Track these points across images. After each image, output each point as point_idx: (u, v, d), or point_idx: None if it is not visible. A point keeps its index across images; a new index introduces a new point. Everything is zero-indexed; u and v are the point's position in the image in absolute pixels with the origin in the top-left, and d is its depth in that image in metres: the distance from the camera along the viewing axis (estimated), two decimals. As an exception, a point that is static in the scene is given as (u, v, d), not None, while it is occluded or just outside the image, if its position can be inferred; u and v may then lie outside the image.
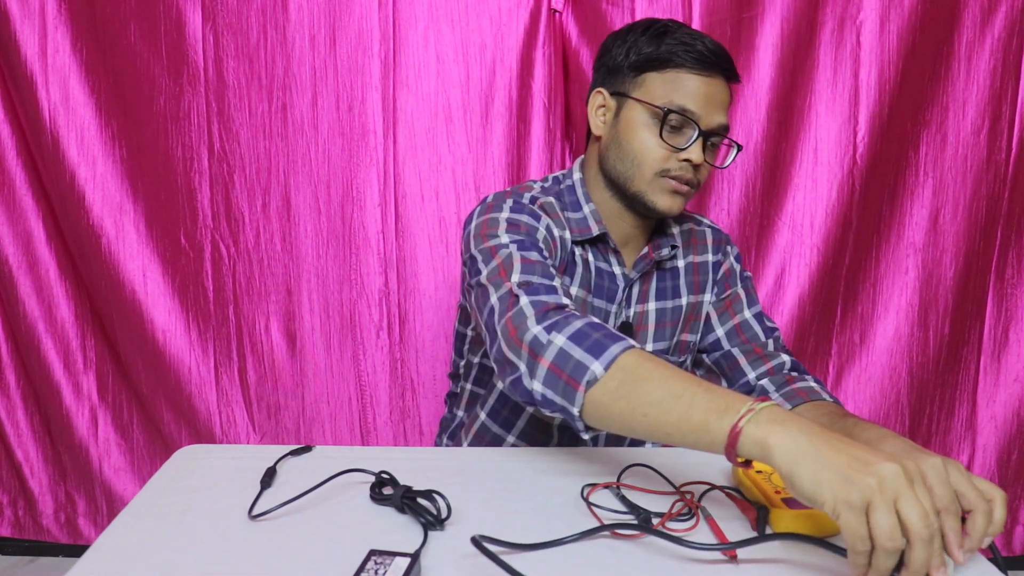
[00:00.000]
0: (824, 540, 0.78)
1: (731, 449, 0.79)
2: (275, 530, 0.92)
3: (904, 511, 0.68)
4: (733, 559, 0.84)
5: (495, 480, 1.03)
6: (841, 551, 0.76)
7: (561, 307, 0.99)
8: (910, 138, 1.74)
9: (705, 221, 1.39)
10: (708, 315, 1.35)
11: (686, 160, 1.16)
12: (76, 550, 2.00)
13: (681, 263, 1.33)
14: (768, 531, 0.90)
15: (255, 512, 0.93)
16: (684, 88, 1.16)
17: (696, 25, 1.64)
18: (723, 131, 1.19)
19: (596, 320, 0.96)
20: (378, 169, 1.72)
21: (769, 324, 1.33)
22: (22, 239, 1.83)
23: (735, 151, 1.26)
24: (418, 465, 1.08)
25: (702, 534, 0.90)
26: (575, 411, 0.92)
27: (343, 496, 1.00)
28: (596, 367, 0.90)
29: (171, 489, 1.03)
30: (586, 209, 1.25)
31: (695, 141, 1.15)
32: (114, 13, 1.69)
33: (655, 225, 1.31)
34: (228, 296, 1.81)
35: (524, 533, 0.87)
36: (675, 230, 1.33)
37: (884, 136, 1.71)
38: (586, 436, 0.96)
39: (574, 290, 1.24)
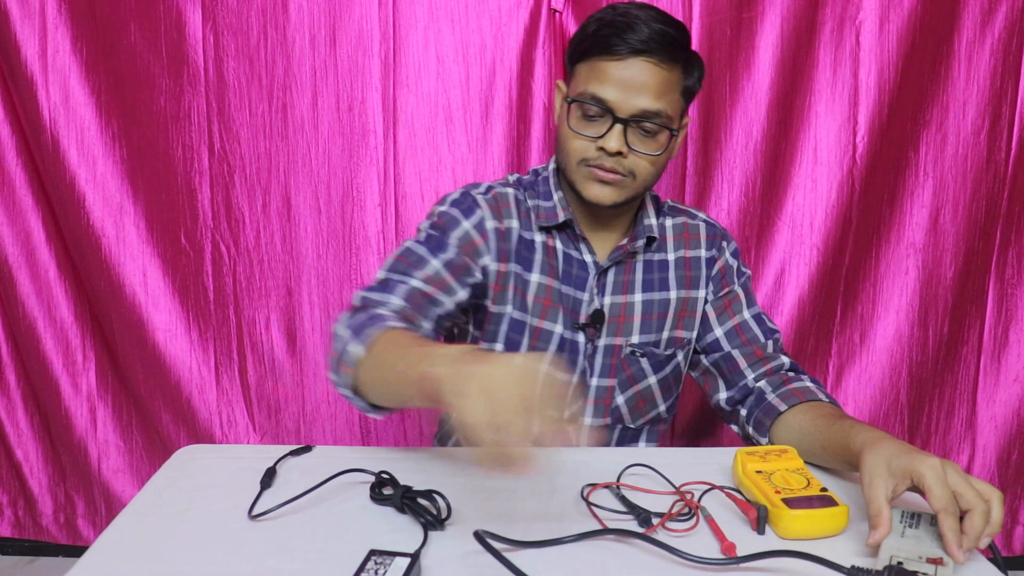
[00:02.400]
0: (823, 559, 0.77)
1: (424, 389, 0.82)
2: (274, 530, 0.92)
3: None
4: (733, 559, 0.84)
5: (494, 480, 1.03)
6: (841, 568, 0.76)
7: (365, 307, 1.09)
8: (910, 138, 1.74)
9: (701, 215, 1.38)
10: (706, 314, 1.34)
11: (602, 149, 1.16)
12: (76, 551, 2.00)
13: (672, 256, 1.32)
14: (768, 531, 0.91)
15: (255, 512, 0.94)
16: (599, 76, 1.16)
17: (696, 25, 1.64)
18: (651, 116, 1.16)
19: (378, 312, 1.07)
20: (378, 169, 1.72)
21: (770, 325, 1.33)
22: (22, 239, 1.83)
23: (674, 137, 1.21)
24: (418, 465, 1.08)
25: (702, 534, 0.90)
26: (347, 391, 1.04)
27: (343, 496, 1.00)
28: (357, 348, 1.00)
29: (171, 490, 1.03)
30: (555, 197, 1.28)
31: (610, 129, 1.16)
32: (114, 13, 1.68)
33: (636, 215, 1.31)
34: (228, 296, 1.81)
35: (524, 533, 0.87)
36: (659, 222, 1.33)
37: (884, 136, 1.71)
38: (374, 415, 1.06)
39: (534, 277, 1.26)
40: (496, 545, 0.80)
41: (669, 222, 1.34)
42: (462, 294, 1.19)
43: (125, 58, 1.70)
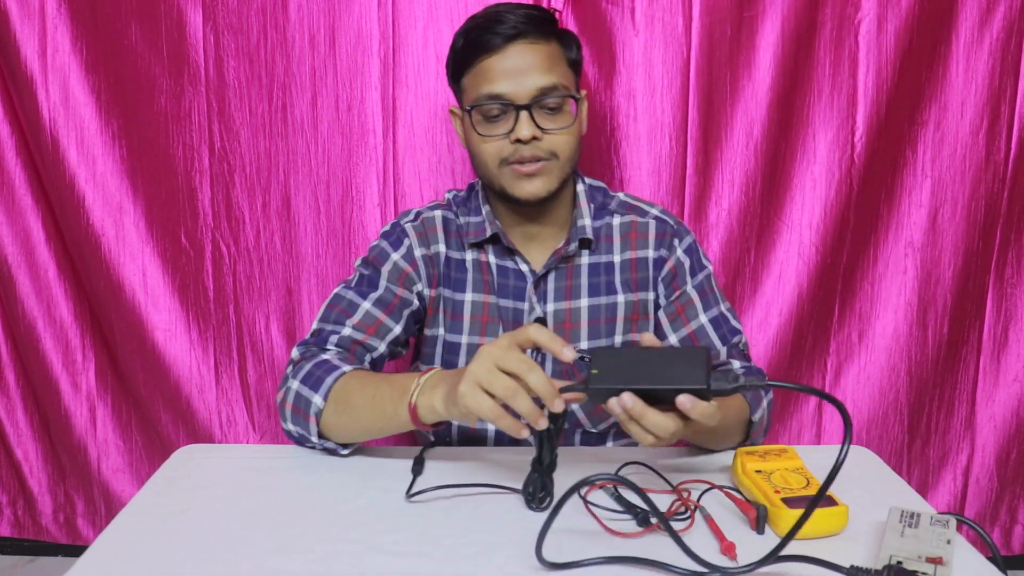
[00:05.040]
0: (822, 560, 0.77)
1: (417, 421, 0.98)
2: (275, 530, 0.92)
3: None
4: (733, 559, 0.84)
5: (489, 476, 1.03)
6: (840, 568, 0.76)
7: (309, 357, 1.15)
8: (908, 138, 1.74)
9: (653, 211, 1.34)
10: (659, 322, 1.30)
11: (517, 141, 1.17)
12: (76, 550, 2.00)
13: (617, 259, 1.30)
14: (767, 531, 0.91)
15: (411, 492, 0.99)
16: (486, 75, 1.19)
17: (696, 24, 1.64)
18: (549, 91, 1.18)
19: (325, 359, 1.13)
20: (377, 169, 1.72)
21: (732, 325, 1.29)
22: (21, 238, 1.83)
23: (579, 104, 1.23)
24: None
25: (701, 533, 0.91)
26: (315, 440, 1.10)
27: (344, 495, 1.00)
28: (317, 400, 1.08)
29: (170, 489, 1.03)
30: (483, 211, 1.29)
31: (517, 120, 1.17)
32: (114, 13, 1.68)
33: (571, 219, 1.30)
34: (228, 295, 1.81)
35: (523, 533, 0.87)
36: (605, 221, 1.31)
37: (882, 136, 1.71)
38: (344, 452, 1.12)
39: (468, 296, 1.28)
40: None
41: (616, 220, 1.32)
42: (397, 329, 1.25)
43: (125, 58, 1.71)
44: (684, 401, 0.85)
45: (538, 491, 0.94)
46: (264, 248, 1.78)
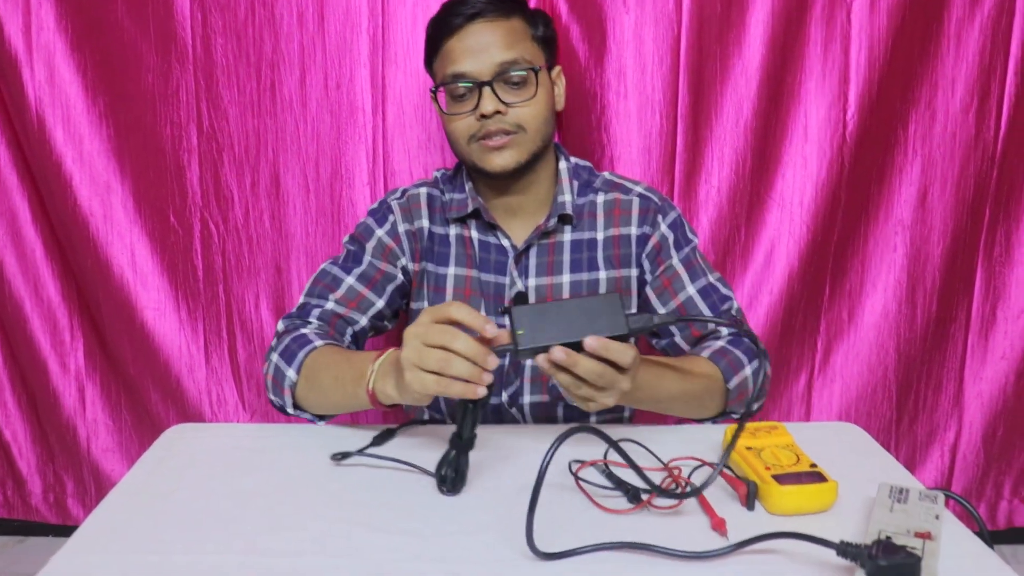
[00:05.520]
0: (812, 536, 0.77)
1: (378, 404, 1.02)
2: (266, 509, 0.92)
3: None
4: (724, 535, 0.85)
5: (481, 452, 1.04)
6: (830, 544, 0.76)
7: (288, 332, 1.20)
8: (899, 116, 1.74)
9: (637, 188, 1.35)
10: (647, 297, 1.31)
11: (482, 116, 1.20)
12: (66, 530, 2.00)
13: (601, 235, 1.32)
14: (757, 507, 0.91)
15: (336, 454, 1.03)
16: (449, 56, 1.23)
17: (686, 1, 1.62)
18: (509, 66, 1.21)
19: (303, 333, 1.18)
20: (367, 147, 1.71)
21: (721, 294, 1.29)
22: (7, 219, 1.82)
23: (540, 75, 1.25)
24: (416, 441, 1.09)
25: (692, 510, 0.91)
26: (291, 410, 1.16)
27: (335, 473, 1.00)
28: (291, 373, 1.13)
29: (160, 469, 1.03)
30: (467, 188, 1.31)
31: (480, 97, 1.20)
32: (100, -11, 1.67)
33: (552, 194, 1.32)
34: (218, 274, 1.80)
35: (512, 509, 0.88)
36: (588, 199, 1.33)
37: (873, 114, 1.71)
38: (320, 423, 1.17)
39: (450, 270, 1.32)
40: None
41: (600, 198, 1.33)
42: (380, 303, 1.29)
43: (111, 35, 1.69)
44: (591, 342, 0.90)
45: (451, 473, 0.96)
46: (253, 227, 1.77)
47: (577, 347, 0.91)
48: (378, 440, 1.09)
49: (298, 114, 1.71)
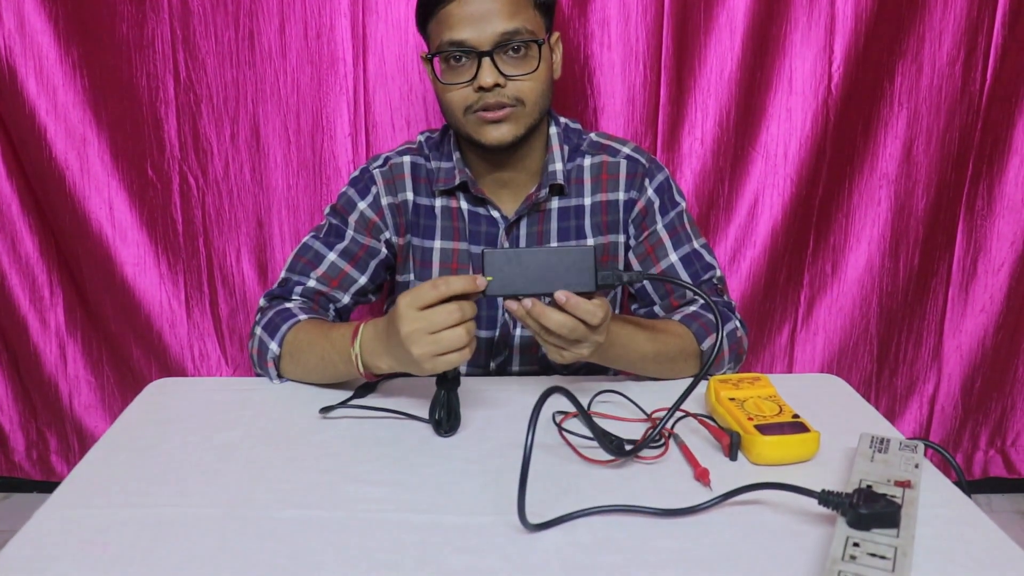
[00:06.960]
0: (795, 486, 0.78)
1: (375, 378, 1.08)
2: (249, 462, 0.92)
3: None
4: (707, 485, 0.85)
5: (470, 408, 1.04)
6: (812, 493, 0.76)
7: (274, 306, 1.20)
8: (885, 68, 1.73)
9: (624, 150, 1.30)
10: (630, 262, 1.30)
11: (480, 88, 1.14)
12: (50, 487, 1.97)
13: (588, 201, 1.29)
14: (740, 457, 0.92)
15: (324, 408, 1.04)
16: (448, 22, 1.14)
17: (672, -49, 1.60)
18: (511, 36, 1.13)
19: (287, 307, 1.19)
20: (348, 98, 1.69)
21: (705, 262, 1.27)
22: (-19, 173, 1.78)
23: (543, 48, 1.18)
24: (398, 390, 1.09)
25: (675, 461, 0.92)
26: (276, 381, 1.16)
27: (315, 427, 1.00)
28: (273, 346, 1.14)
29: (142, 423, 1.03)
30: (454, 157, 1.27)
31: (479, 67, 1.13)
32: (71, -66, 1.62)
33: (543, 163, 1.27)
34: (198, 228, 1.78)
35: (498, 461, 0.88)
36: (575, 163, 1.29)
37: (859, 66, 1.70)
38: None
39: (437, 244, 1.28)
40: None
41: (587, 162, 1.29)
42: (363, 279, 1.28)
43: (84, -19, 1.64)
44: (559, 296, 0.92)
45: (444, 417, 0.98)
46: (233, 180, 1.75)
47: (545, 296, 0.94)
48: (360, 392, 1.09)
49: (278, 65, 1.68)
